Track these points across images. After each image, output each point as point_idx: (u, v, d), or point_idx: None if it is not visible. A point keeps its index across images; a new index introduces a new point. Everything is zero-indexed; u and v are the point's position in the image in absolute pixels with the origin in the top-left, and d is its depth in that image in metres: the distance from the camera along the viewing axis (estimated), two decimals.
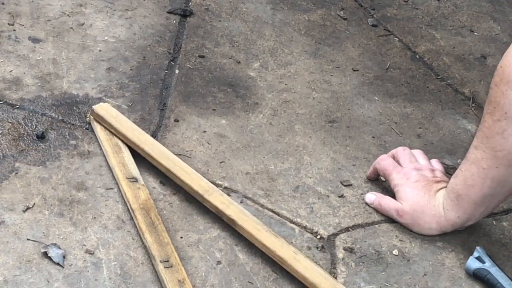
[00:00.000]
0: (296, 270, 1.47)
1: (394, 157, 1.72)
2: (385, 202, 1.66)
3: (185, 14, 2.09)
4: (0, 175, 1.56)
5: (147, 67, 1.90)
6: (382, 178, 1.72)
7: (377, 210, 1.67)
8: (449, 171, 1.78)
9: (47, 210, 1.52)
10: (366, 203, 1.68)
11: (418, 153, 1.73)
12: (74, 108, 1.74)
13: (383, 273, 1.54)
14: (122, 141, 1.66)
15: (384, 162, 1.70)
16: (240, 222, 1.53)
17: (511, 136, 1.47)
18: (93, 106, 1.70)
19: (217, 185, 1.63)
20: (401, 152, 1.72)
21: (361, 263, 1.55)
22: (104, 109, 1.70)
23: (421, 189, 1.62)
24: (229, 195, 1.61)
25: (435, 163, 1.72)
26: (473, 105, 1.98)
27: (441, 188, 1.62)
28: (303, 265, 1.47)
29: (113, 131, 1.67)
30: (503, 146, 1.48)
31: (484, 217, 1.61)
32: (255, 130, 1.79)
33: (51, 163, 1.61)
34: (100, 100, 1.76)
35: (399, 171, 1.67)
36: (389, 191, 1.68)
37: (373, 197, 1.68)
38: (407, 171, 1.67)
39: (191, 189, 1.58)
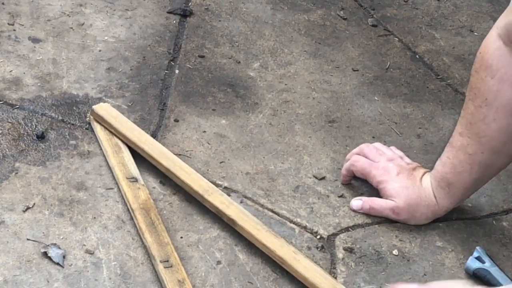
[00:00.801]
0: (296, 270, 1.47)
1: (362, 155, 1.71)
2: (377, 204, 1.64)
3: (185, 14, 2.09)
4: (0, 175, 1.56)
5: (147, 67, 1.90)
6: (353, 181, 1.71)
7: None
8: None
9: (47, 210, 1.52)
10: (354, 210, 1.65)
11: (378, 145, 1.73)
12: (74, 108, 1.74)
13: (383, 273, 1.54)
14: (122, 141, 1.66)
15: (359, 162, 1.68)
16: (240, 222, 1.53)
17: (492, 122, 1.49)
18: (93, 106, 1.70)
19: (217, 185, 1.63)
20: (366, 148, 1.70)
21: (361, 263, 1.55)
22: (104, 109, 1.70)
23: (407, 181, 1.63)
24: (229, 195, 1.61)
25: (394, 150, 1.73)
26: None
27: (422, 175, 1.63)
28: (303, 265, 1.47)
29: (113, 131, 1.67)
30: (485, 132, 1.51)
31: (471, 195, 1.66)
32: (255, 130, 1.79)
33: (51, 163, 1.61)
34: (100, 100, 1.76)
35: (376, 167, 1.66)
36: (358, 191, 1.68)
37: (360, 202, 1.66)
38: (383, 165, 1.66)
39: (191, 189, 1.58)
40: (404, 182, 1.63)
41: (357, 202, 1.66)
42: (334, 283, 1.45)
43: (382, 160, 1.67)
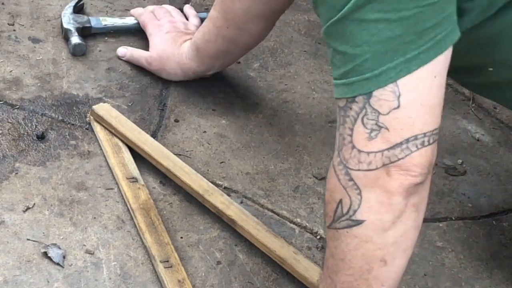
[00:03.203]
0: (296, 270, 1.47)
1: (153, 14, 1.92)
2: (136, 53, 1.86)
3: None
4: (0, 175, 1.56)
5: None
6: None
7: (131, 63, 1.85)
8: (449, 171, 1.78)
9: (47, 210, 1.52)
10: (119, 57, 1.87)
11: (172, 9, 1.93)
12: (74, 108, 1.74)
13: None
14: (122, 141, 1.66)
15: (143, 16, 1.91)
16: (240, 222, 1.53)
17: (237, 1, 1.65)
18: (93, 106, 1.70)
19: (217, 185, 1.63)
20: (158, 9, 1.92)
21: None
22: (104, 109, 1.70)
23: (169, 39, 1.81)
24: (229, 195, 1.61)
25: (192, 18, 1.94)
26: (473, 105, 1.98)
27: (188, 39, 1.80)
28: (303, 265, 1.47)
29: (113, 131, 1.67)
30: (231, 9, 1.67)
31: (226, 67, 1.85)
32: (255, 130, 1.79)
33: (51, 163, 1.61)
34: (100, 100, 1.76)
35: (154, 23, 1.88)
36: None
37: (125, 50, 1.87)
38: (161, 23, 1.87)
39: (191, 189, 1.58)
40: (166, 39, 1.82)
41: (123, 50, 1.88)
42: None
43: (163, 19, 1.88)
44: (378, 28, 1.10)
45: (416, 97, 1.12)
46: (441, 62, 1.13)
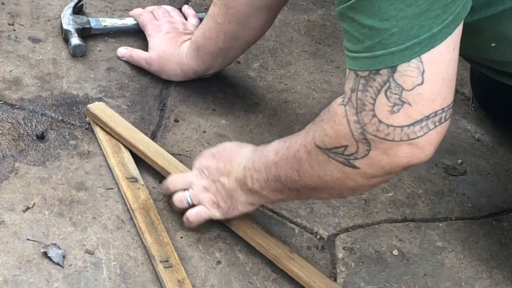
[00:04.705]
0: (291, 269, 1.47)
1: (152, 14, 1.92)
2: (135, 53, 1.85)
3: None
4: (0, 175, 1.56)
5: None
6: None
7: (130, 63, 1.85)
8: (449, 171, 1.78)
9: (47, 210, 1.52)
10: (118, 57, 1.86)
11: (171, 9, 1.93)
12: (74, 108, 1.74)
13: (383, 273, 1.54)
14: (119, 140, 1.66)
15: (142, 16, 1.91)
16: (235, 221, 1.52)
17: None
18: (88, 106, 1.70)
19: None
20: (157, 9, 1.92)
21: (361, 263, 1.55)
22: (99, 108, 1.70)
23: (169, 39, 1.81)
24: None
25: (191, 18, 1.93)
26: (473, 105, 1.97)
27: (188, 40, 1.80)
28: (298, 264, 1.47)
29: (108, 130, 1.66)
30: (233, 4, 1.67)
31: (225, 67, 1.83)
32: (255, 130, 1.79)
33: (51, 163, 1.61)
34: (100, 100, 1.76)
35: (153, 23, 1.88)
36: None
37: (124, 50, 1.87)
38: (160, 23, 1.87)
39: None
40: (166, 39, 1.82)
41: (122, 50, 1.87)
42: (329, 282, 1.45)
43: (162, 20, 1.88)
44: (406, 3, 1.12)
45: (438, 72, 1.16)
46: (458, 33, 1.18)
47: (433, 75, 1.16)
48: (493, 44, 1.35)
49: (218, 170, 1.48)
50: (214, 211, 1.49)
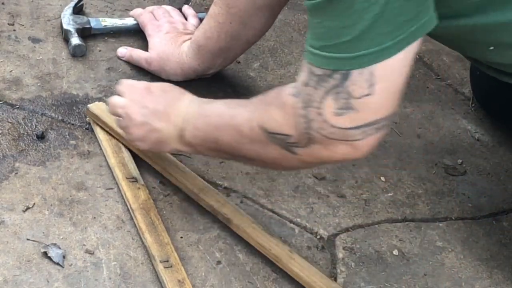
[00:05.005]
0: (291, 269, 1.47)
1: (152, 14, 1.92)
2: (135, 53, 1.85)
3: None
4: (0, 175, 1.56)
5: None
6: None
7: (130, 63, 1.85)
8: (449, 171, 1.78)
9: (47, 210, 1.52)
10: (119, 57, 1.87)
11: (171, 9, 1.93)
12: (74, 108, 1.74)
13: (383, 273, 1.54)
14: (119, 140, 1.66)
15: (142, 16, 1.91)
16: (236, 220, 1.52)
17: None
18: (88, 105, 1.70)
19: (217, 185, 1.63)
20: (157, 9, 1.92)
21: (361, 263, 1.55)
22: (100, 108, 1.70)
23: (169, 39, 1.82)
24: (229, 195, 1.61)
25: (191, 18, 1.93)
26: (473, 105, 1.97)
27: (188, 40, 1.80)
28: (298, 263, 1.47)
29: (109, 130, 1.66)
30: (235, 3, 1.68)
31: (225, 67, 1.84)
32: None
33: (51, 163, 1.61)
34: (100, 100, 1.76)
35: (153, 23, 1.88)
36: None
37: (125, 50, 1.87)
38: (160, 23, 1.87)
39: (186, 188, 1.58)
40: (165, 39, 1.82)
41: (122, 50, 1.88)
42: (329, 282, 1.45)
43: (162, 20, 1.88)
44: (362, 16, 1.16)
45: (387, 86, 1.22)
46: (412, 51, 1.22)
47: (381, 89, 1.21)
48: (491, 48, 1.37)
49: (155, 112, 1.50)
50: (138, 144, 1.53)
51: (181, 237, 1.52)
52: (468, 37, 1.37)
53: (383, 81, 1.21)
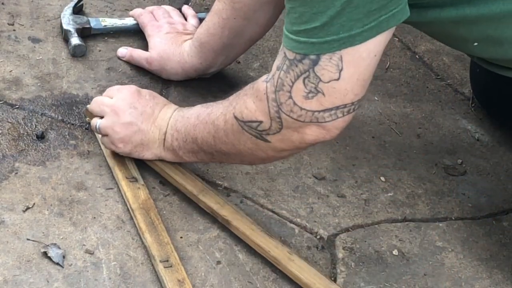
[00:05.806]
0: (290, 270, 1.46)
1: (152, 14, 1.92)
2: (136, 53, 1.85)
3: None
4: (0, 175, 1.56)
5: None
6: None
7: (130, 63, 1.85)
8: (449, 171, 1.78)
9: (47, 210, 1.52)
10: (119, 57, 1.86)
11: (171, 9, 1.93)
12: (74, 108, 1.74)
13: (383, 273, 1.54)
14: None
15: (142, 17, 1.91)
16: (235, 222, 1.52)
17: None
18: (87, 106, 1.70)
19: (217, 185, 1.63)
20: (156, 9, 1.92)
21: (361, 263, 1.55)
22: None
23: (169, 39, 1.82)
24: (229, 195, 1.61)
25: (191, 18, 1.93)
26: (473, 105, 1.98)
27: (188, 39, 1.81)
28: (297, 265, 1.47)
29: None
30: None
31: (226, 66, 1.84)
32: None
33: (51, 163, 1.61)
34: None
35: (152, 24, 1.88)
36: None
37: (125, 50, 1.87)
38: (160, 24, 1.87)
39: (185, 189, 1.58)
40: (166, 39, 1.82)
41: (122, 50, 1.87)
42: (329, 284, 1.45)
43: (162, 21, 1.88)
44: (332, 3, 1.21)
45: (355, 72, 1.27)
46: (383, 41, 1.27)
47: (349, 74, 1.26)
48: (475, 44, 1.41)
49: (144, 114, 1.54)
50: (119, 145, 1.55)
51: (181, 237, 1.52)
52: (453, 31, 1.40)
53: (351, 66, 1.25)
